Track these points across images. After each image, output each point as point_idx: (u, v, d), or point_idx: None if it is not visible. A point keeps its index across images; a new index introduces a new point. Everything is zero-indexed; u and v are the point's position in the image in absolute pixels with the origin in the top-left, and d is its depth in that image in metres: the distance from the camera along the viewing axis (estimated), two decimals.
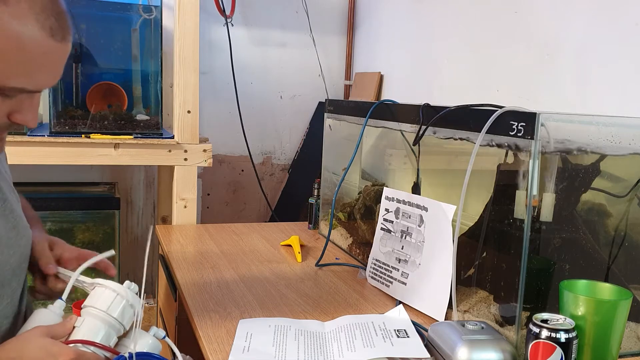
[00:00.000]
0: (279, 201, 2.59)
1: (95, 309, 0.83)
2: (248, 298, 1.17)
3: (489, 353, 0.88)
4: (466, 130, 1.09)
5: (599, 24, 1.34)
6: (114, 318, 0.83)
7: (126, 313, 0.85)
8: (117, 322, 0.83)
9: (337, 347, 0.96)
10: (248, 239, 1.63)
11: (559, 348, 0.81)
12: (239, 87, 2.35)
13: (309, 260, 1.45)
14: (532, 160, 0.92)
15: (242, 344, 0.95)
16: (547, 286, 1.00)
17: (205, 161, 1.82)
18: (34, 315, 0.83)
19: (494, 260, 1.08)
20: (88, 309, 0.84)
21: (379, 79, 2.34)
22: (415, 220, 1.19)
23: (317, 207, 1.75)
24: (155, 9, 1.78)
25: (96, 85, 1.74)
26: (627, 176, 1.09)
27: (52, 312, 0.84)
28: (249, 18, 2.45)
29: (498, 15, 1.67)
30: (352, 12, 2.58)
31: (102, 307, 0.83)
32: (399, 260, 1.22)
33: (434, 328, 0.97)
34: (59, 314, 0.84)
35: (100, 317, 0.83)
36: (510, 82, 1.63)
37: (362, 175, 1.72)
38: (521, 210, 0.96)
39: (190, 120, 1.80)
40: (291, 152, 2.61)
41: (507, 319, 1.01)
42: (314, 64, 2.55)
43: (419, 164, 1.34)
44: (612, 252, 1.08)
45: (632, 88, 1.26)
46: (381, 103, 1.42)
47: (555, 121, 0.94)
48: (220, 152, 2.46)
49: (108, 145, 1.71)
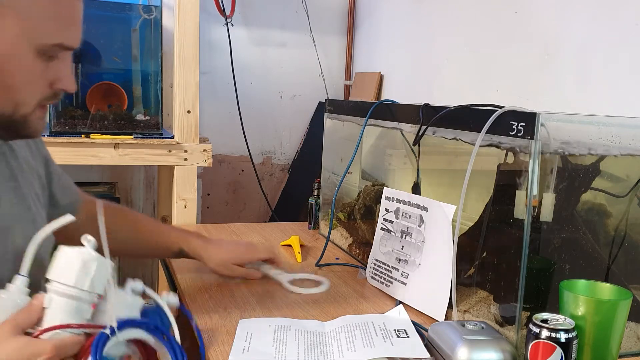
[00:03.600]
0: (279, 201, 2.59)
1: (62, 285, 0.75)
2: (248, 298, 1.17)
3: (489, 353, 0.88)
4: (466, 130, 1.09)
5: (599, 24, 1.34)
6: (84, 291, 0.75)
7: (97, 280, 0.76)
8: (88, 294, 0.75)
9: (337, 347, 0.96)
10: (248, 238, 1.63)
11: (559, 348, 0.81)
12: (239, 87, 2.35)
13: (309, 260, 1.45)
14: (532, 160, 0.92)
15: (242, 344, 0.95)
16: (547, 286, 1.00)
17: (205, 161, 1.82)
18: None
19: (494, 260, 1.08)
20: (54, 285, 0.75)
21: (379, 79, 2.34)
22: (415, 220, 1.19)
23: (317, 207, 1.75)
24: (155, 9, 1.78)
25: (96, 85, 1.74)
26: (627, 176, 1.09)
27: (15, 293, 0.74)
28: (249, 18, 2.45)
29: (498, 15, 1.67)
30: (352, 12, 2.58)
31: (69, 282, 0.75)
32: (399, 260, 1.22)
33: (434, 328, 0.97)
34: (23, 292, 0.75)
35: (70, 294, 0.74)
36: (510, 82, 1.63)
37: (362, 175, 1.72)
38: (521, 210, 0.96)
39: (190, 120, 1.80)
40: (291, 152, 2.61)
41: (507, 319, 1.01)
42: (314, 64, 2.55)
43: (419, 164, 1.34)
44: (612, 252, 1.08)
45: (632, 88, 1.26)
46: (381, 103, 1.42)
47: (555, 121, 0.94)
48: (220, 152, 2.46)
49: (108, 145, 1.71)
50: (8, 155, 0.89)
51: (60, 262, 0.76)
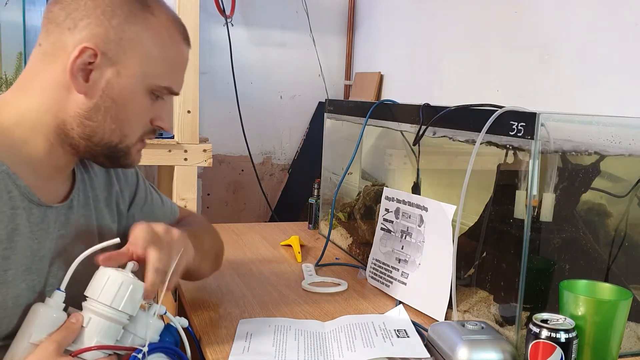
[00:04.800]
0: (279, 201, 2.59)
1: (100, 304, 0.79)
2: (248, 298, 1.17)
3: (489, 353, 0.88)
4: (466, 130, 1.09)
5: (599, 24, 1.34)
6: (119, 312, 0.79)
7: (130, 302, 0.80)
8: (122, 316, 0.80)
9: (337, 347, 0.96)
10: (248, 239, 1.63)
11: (559, 348, 0.81)
12: (239, 87, 2.35)
13: (309, 260, 1.45)
14: (532, 160, 0.92)
15: (242, 344, 0.95)
16: (547, 286, 1.00)
17: (205, 161, 1.82)
18: (34, 313, 0.78)
19: (494, 260, 1.08)
20: (92, 304, 0.79)
21: (379, 79, 2.34)
22: (415, 220, 1.19)
23: (317, 207, 1.75)
24: None
25: None
26: (627, 176, 1.09)
27: (53, 308, 0.79)
28: (249, 18, 2.45)
29: (498, 16, 1.68)
30: (352, 12, 2.58)
31: (106, 301, 0.79)
32: (399, 260, 1.23)
33: (434, 328, 0.97)
34: (60, 307, 0.79)
35: (107, 315, 0.78)
36: (510, 82, 1.63)
37: (362, 175, 1.72)
38: (521, 210, 0.96)
39: (190, 120, 1.80)
40: (291, 152, 2.61)
41: (507, 319, 1.01)
42: (314, 64, 2.55)
43: (419, 164, 1.34)
44: (612, 252, 1.08)
45: (632, 88, 1.26)
46: (381, 103, 1.42)
47: (555, 121, 0.94)
48: (220, 152, 2.46)
49: None
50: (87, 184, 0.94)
51: (101, 282, 0.80)
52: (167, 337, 0.86)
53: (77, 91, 0.80)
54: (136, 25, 0.81)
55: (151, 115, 0.87)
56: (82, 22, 0.79)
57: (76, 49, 0.78)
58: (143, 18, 0.82)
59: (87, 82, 0.80)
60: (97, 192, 0.96)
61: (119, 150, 0.86)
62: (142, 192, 1.06)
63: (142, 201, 1.06)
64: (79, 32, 0.79)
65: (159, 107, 0.87)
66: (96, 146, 0.84)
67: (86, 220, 0.92)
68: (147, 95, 0.84)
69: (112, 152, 0.86)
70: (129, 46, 0.81)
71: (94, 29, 0.79)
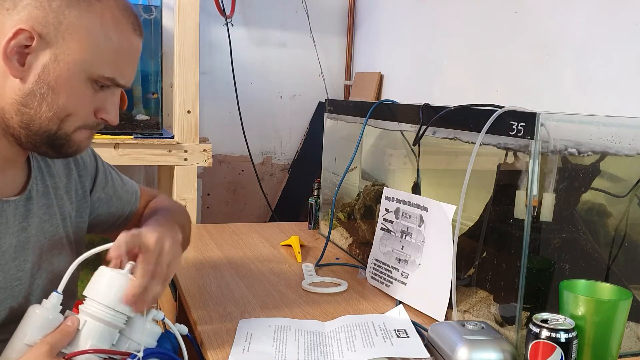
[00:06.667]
0: (279, 201, 2.59)
1: (97, 304, 0.78)
2: (248, 298, 1.17)
3: (489, 353, 0.88)
4: (466, 130, 1.09)
5: (599, 24, 1.34)
6: (116, 315, 0.79)
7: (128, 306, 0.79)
8: (119, 319, 0.79)
9: (337, 347, 0.96)
10: (248, 239, 1.63)
11: (559, 348, 0.81)
12: (239, 87, 2.35)
13: (309, 260, 1.45)
14: (532, 160, 0.92)
15: (242, 344, 0.95)
16: (547, 286, 1.00)
17: (205, 161, 1.82)
18: (30, 315, 0.78)
19: (494, 260, 1.08)
20: (88, 305, 0.79)
21: (379, 79, 2.34)
22: (415, 220, 1.19)
23: (317, 207, 1.75)
24: (155, 9, 1.78)
25: None
26: (627, 176, 1.09)
27: (50, 310, 0.78)
28: (249, 18, 2.45)
29: (498, 15, 1.67)
30: (352, 12, 2.58)
31: (103, 301, 0.78)
32: (399, 260, 1.23)
33: (434, 328, 0.97)
34: (56, 309, 0.79)
35: (103, 318, 0.78)
36: (510, 82, 1.63)
37: (362, 175, 1.72)
38: (521, 210, 0.96)
39: (190, 120, 1.80)
40: (291, 152, 2.61)
41: (507, 319, 1.01)
42: (314, 64, 2.55)
43: (419, 164, 1.34)
44: (612, 252, 1.08)
45: (632, 88, 1.26)
46: (381, 103, 1.42)
47: (555, 121, 0.94)
48: (220, 152, 2.46)
49: (108, 145, 1.71)
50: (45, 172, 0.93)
51: (100, 283, 0.80)
52: (165, 344, 0.85)
53: (13, 75, 0.77)
54: (78, 9, 0.78)
55: (94, 106, 0.83)
56: (21, 3, 0.76)
57: (11, 31, 0.75)
58: (87, 3, 0.78)
59: (23, 67, 0.77)
60: (56, 179, 0.94)
61: (59, 137, 0.82)
62: (101, 174, 1.04)
63: (102, 183, 1.04)
64: (17, 14, 0.76)
65: (102, 98, 0.83)
66: (36, 135, 0.80)
67: (48, 209, 0.91)
68: (88, 84, 0.80)
69: (52, 141, 0.82)
70: (68, 31, 0.77)
71: (32, 10, 0.76)
